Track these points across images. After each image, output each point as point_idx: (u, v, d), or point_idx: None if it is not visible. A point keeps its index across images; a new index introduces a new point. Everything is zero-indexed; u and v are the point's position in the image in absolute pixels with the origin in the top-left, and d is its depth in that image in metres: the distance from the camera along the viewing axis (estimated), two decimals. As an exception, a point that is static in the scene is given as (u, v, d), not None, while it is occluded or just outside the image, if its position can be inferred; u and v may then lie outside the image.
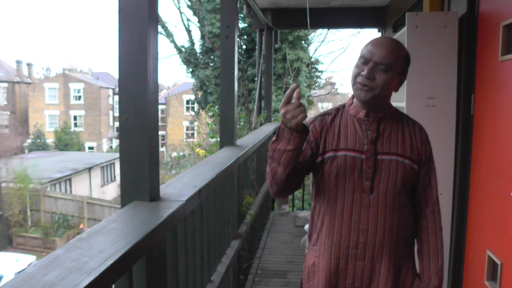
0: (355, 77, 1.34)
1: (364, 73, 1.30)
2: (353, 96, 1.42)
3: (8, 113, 33.58)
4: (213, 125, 5.49)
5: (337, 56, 33.66)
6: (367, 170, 1.34)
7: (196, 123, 12.39)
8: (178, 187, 1.70)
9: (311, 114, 12.37)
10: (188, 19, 14.71)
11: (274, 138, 1.30)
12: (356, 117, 1.39)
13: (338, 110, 1.44)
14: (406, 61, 1.36)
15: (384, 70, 1.30)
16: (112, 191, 24.60)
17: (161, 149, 29.54)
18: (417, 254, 1.43)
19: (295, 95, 1.23)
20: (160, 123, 16.87)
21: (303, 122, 1.24)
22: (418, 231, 1.43)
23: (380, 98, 1.34)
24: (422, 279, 1.40)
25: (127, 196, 1.43)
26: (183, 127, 30.95)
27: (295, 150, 1.26)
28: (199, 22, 12.81)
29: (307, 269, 1.48)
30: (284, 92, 10.32)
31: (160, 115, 17.96)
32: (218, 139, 3.43)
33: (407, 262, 1.41)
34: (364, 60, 1.32)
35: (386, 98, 1.38)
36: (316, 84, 13.52)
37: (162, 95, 33.25)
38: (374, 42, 1.33)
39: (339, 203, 1.37)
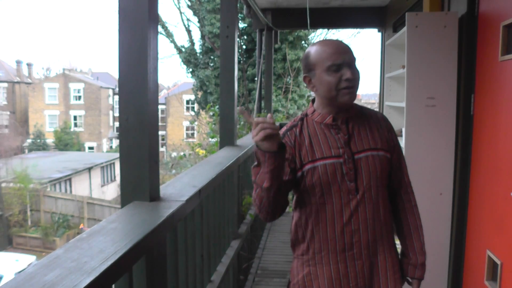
0: (336, 86, 1.31)
1: (349, 76, 1.30)
2: (313, 103, 1.42)
3: (8, 113, 33.57)
4: (213, 125, 5.49)
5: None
6: (348, 172, 1.35)
7: (196, 123, 12.40)
8: (178, 187, 1.70)
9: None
10: (188, 19, 14.72)
11: (255, 163, 1.25)
12: (324, 124, 1.39)
13: (302, 120, 1.43)
14: None
15: (355, 66, 1.35)
16: (112, 191, 24.59)
17: (161, 149, 29.53)
18: (397, 234, 1.47)
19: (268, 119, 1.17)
20: (160, 123, 16.87)
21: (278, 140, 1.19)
22: (396, 213, 1.47)
23: None
24: (408, 256, 1.44)
25: (127, 196, 1.43)
26: (183, 127, 30.95)
27: (272, 170, 1.21)
28: (199, 22, 12.82)
29: (297, 279, 1.46)
30: (284, 92, 10.32)
31: (160, 115, 17.97)
32: (218, 139, 3.43)
33: (389, 249, 1.43)
34: (337, 66, 1.30)
35: None
36: (316, 84, 13.48)
37: (162, 95, 33.24)
38: (332, 47, 1.33)
39: (329, 211, 1.36)
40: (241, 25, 10.78)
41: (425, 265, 1.44)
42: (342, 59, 1.31)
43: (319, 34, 12.85)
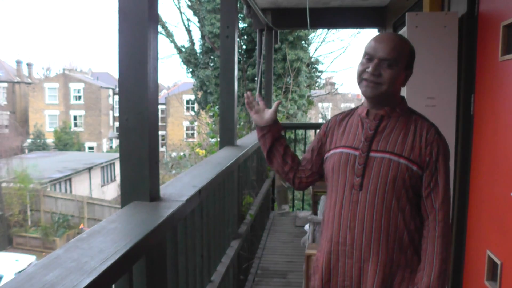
0: (360, 74, 1.34)
1: (369, 70, 1.31)
2: None
3: (8, 113, 33.57)
4: (213, 125, 5.49)
5: (337, 56, 33.34)
6: (358, 166, 1.35)
7: (196, 123, 12.40)
8: (178, 187, 1.70)
9: (311, 114, 12.35)
10: (188, 19, 14.71)
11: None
12: (360, 116, 1.42)
13: (352, 110, 1.49)
14: (410, 56, 1.35)
15: (389, 66, 1.30)
16: (112, 191, 24.58)
17: (161, 149, 29.52)
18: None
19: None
20: (160, 123, 16.86)
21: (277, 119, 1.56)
22: (422, 240, 1.35)
23: (388, 94, 1.33)
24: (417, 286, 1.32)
25: (127, 196, 1.43)
26: (183, 127, 30.94)
27: (260, 138, 1.57)
28: (199, 22, 12.81)
29: (313, 263, 1.52)
30: (284, 92, 10.32)
31: (160, 115, 17.95)
32: (218, 139, 3.43)
33: (403, 270, 1.34)
34: (369, 57, 1.32)
35: (395, 94, 1.37)
36: (316, 84, 13.51)
37: (162, 95, 33.24)
38: (377, 38, 1.34)
39: (333, 199, 1.40)
40: (241, 25, 10.78)
41: None
42: (374, 52, 1.31)
43: (319, 34, 12.85)
